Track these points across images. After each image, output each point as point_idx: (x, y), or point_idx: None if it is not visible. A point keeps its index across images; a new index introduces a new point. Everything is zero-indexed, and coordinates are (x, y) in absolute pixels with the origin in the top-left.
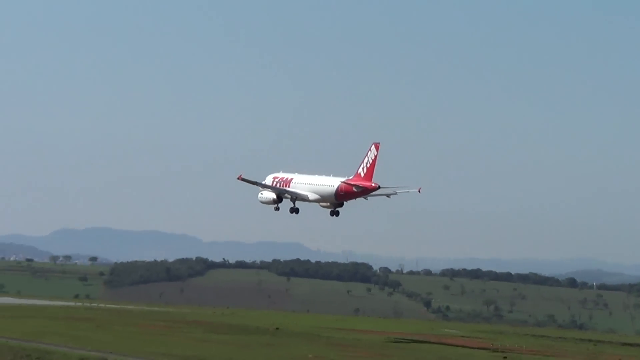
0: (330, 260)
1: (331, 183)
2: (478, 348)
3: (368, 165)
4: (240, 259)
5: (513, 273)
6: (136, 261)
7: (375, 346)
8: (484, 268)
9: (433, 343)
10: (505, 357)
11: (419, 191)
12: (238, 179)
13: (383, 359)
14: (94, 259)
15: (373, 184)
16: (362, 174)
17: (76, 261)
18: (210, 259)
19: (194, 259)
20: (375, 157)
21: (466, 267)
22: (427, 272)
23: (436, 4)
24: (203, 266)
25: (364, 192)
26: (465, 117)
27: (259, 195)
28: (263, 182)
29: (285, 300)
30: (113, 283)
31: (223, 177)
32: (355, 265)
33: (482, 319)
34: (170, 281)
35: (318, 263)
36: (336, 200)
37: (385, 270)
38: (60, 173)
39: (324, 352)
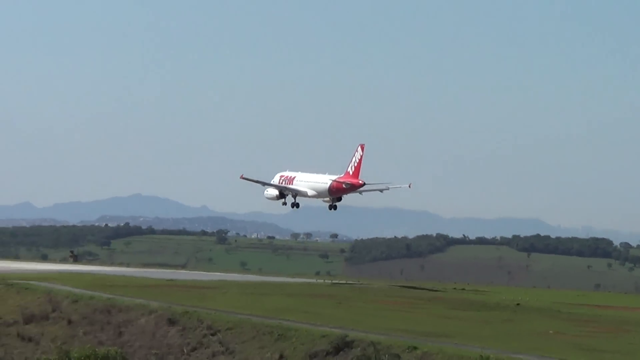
0: (570, 235)
1: (325, 181)
2: None
3: (355, 164)
4: (480, 235)
5: None
6: (376, 238)
7: (617, 322)
8: None
9: None
10: None
11: (410, 186)
12: (240, 178)
13: (624, 335)
14: (334, 235)
15: (360, 181)
16: (351, 172)
17: (317, 238)
18: (450, 235)
19: (434, 235)
20: (361, 156)
21: None
22: None
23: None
24: (443, 242)
25: (352, 188)
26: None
27: (265, 192)
28: (272, 181)
29: (525, 276)
30: (354, 260)
31: (462, 153)
32: (596, 240)
33: None
34: (411, 257)
35: (558, 239)
36: (330, 196)
37: (626, 245)
38: (297, 153)
39: (565, 327)
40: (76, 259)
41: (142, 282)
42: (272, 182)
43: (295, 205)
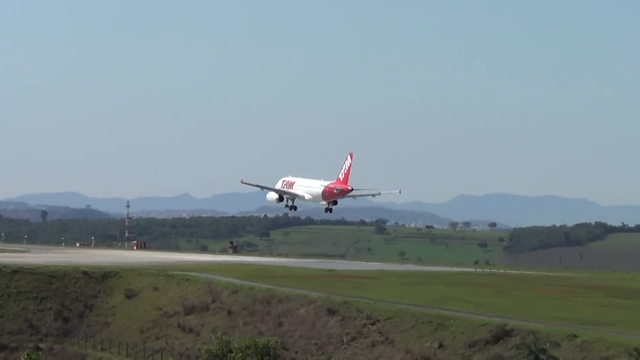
0: None
1: (318, 186)
2: None
3: (345, 171)
4: (639, 222)
5: None
6: (535, 226)
7: None
8: None
9: None
10: None
11: (400, 192)
12: (241, 182)
13: None
14: (493, 224)
15: (349, 187)
16: (341, 179)
17: (475, 227)
18: (609, 223)
19: (593, 223)
20: (350, 164)
21: None
22: None
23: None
24: (602, 230)
25: (342, 193)
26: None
27: (267, 195)
28: (275, 185)
29: None
30: (512, 249)
31: (618, 140)
32: None
33: None
34: (570, 246)
35: None
36: (324, 200)
37: None
38: (455, 140)
39: None
40: (235, 250)
41: (302, 273)
42: (275, 187)
43: (292, 207)
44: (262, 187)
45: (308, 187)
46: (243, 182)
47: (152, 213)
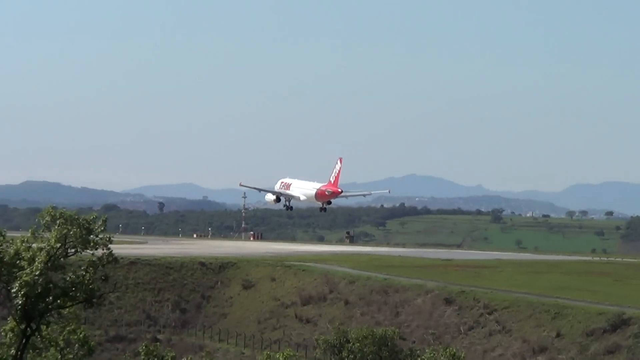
0: None
1: (312, 188)
2: None
3: (335, 174)
4: None
5: None
6: None
7: None
8: None
9: None
10: None
11: (389, 192)
12: (240, 185)
13: None
14: (609, 213)
15: (339, 190)
16: (332, 181)
17: (592, 216)
18: None
19: None
20: (340, 168)
21: None
22: None
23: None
24: None
25: (333, 194)
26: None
27: (265, 197)
28: (275, 186)
29: None
30: (630, 237)
31: None
32: None
33: None
34: None
35: None
36: (317, 200)
37: None
38: (571, 128)
39: None
40: (352, 240)
41: (418, 262)
42: (274, 188)
43: (289, 208)
44: (260, 190)
45: (302, 189)
46: (241, 185)
47: (268, 204)
